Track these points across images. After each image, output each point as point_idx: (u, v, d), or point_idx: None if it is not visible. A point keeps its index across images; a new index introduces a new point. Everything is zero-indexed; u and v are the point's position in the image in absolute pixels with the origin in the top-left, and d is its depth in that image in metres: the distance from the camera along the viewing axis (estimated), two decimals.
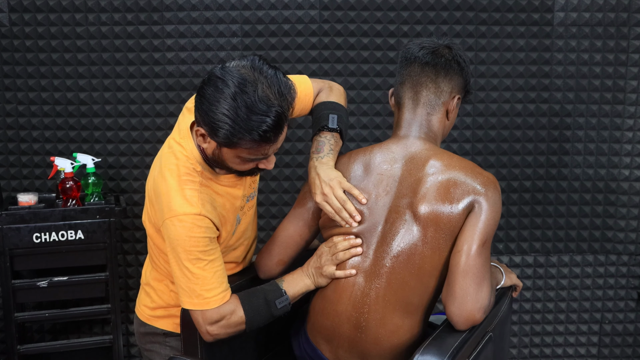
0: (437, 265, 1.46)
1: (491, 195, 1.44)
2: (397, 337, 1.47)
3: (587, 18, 2.48)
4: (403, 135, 1.55)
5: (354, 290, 1.50)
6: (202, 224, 1.47)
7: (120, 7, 2.42)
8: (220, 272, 1.51)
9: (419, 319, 1.50)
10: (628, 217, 2.62)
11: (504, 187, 2.62)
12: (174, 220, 1.46)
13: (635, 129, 2.56)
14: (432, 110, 1.55)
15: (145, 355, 1.79)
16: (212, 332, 1.51)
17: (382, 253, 1.48)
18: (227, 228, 1.59)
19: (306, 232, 1.65)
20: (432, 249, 1.44)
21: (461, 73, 1.56)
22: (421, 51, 1.54)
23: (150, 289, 1.72)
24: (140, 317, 1.75)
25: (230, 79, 1.34)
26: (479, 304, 1.39)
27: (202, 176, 1.51)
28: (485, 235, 1.42)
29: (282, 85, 1.36)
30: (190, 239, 1.46)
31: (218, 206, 1.54)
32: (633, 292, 2.68)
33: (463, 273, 1.39)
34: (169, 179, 1.49)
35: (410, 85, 1.55)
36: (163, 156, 1.55)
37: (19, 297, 2.29)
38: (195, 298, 1.49)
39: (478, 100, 2.55)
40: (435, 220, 1.44)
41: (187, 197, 1.47)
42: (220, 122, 1.34)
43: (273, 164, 1.49)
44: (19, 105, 2.49)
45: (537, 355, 2.75)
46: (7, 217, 2.22)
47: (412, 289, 1.46)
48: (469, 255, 1.40)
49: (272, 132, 1.35)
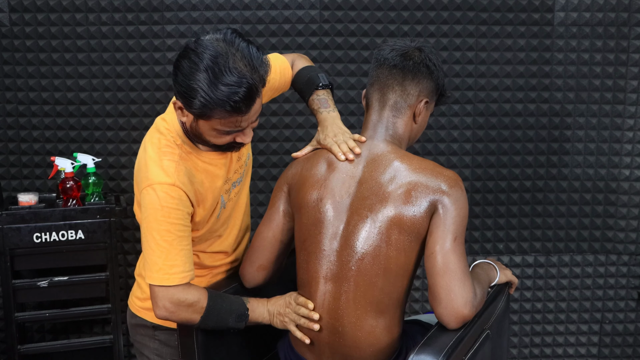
0: (404, 265, 1.45)
1: (453, 193, 1.43)
2: (374, 337, 1.48)
3: (588, 18, 2.48)
4: (368, 136, 1.55)
5: (326, 297, 1.50)
6: (175, 194, 1.48)
7: (120, 7, 2.43)
8: (186, 252, 1.51)
9: (393, 318, 1.49)
10: (628, 217, 2.62)
11: (504, 187, 2.62)
12: (149, 190, 1.48)
13: (635, 128, 2.56)
14: (398, 113, 1.53)
15: (136, 348, 1.80)
16: (169, 308, 1.50)
17: (346, 256, 1.47)
18: (205, 206, 1.58)
19: (280, 233, 1.63)
20: (397, 250, 1.44)
21: (430, 76, 1.54)
22: (391, 53, 1.53)
23: (141, 280, 1.73)
24: (131, 309, 1.77)
25: (202, 52, 1.37)
26: (464, 299, 1.38)
27: (181, 149, 1.54)
28: (455, 232, 1.41)
29: (254, 57, 1.40)
30: (162, 209, 1.47)
31: (196, 182, 1.54)
32: (633, 292, 2.69)
33: (441, 273, 1.39)
34: (149, 151, 1.53)
35: (378, 87, 1.55)
36: (148, 132, 1.59)
37: (19, 297, 2.29)
38: (157, 272, 1.49)
39: (478, 100, 2.55)
40: (398, 223, 1.43)
41: (164, 167, 1.49)
42: (193, 93, 1.37)
43: (250, 138, 1.51)
44: (19, 105, 2.49)
45: (538, 355, 2.75)
46: (7, 217, 2.22)
47: (380, 289, 1.46)
48: (443, 254, 1.39)
49: (243, 103, 1.38)
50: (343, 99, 2.54)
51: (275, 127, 2.55)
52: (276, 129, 2.56)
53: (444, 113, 2.56)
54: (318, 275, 1.50)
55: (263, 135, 2.55)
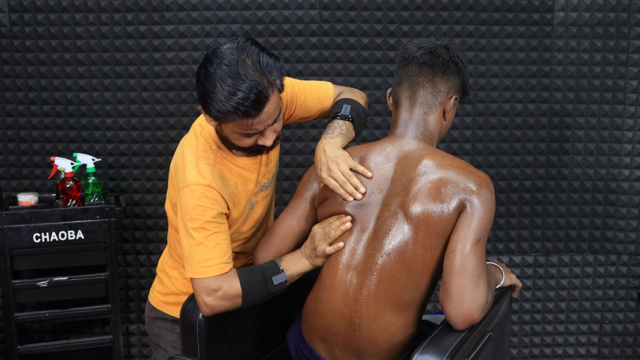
0: (429, 263, 1.46)
1: (483, 194, 1.44)
2: (390, 333, 1.48)
3: (587, 18, 2.48)
4: (399, 134, 1.56)
5: (346, 287, 1.50)
6: (211, 195, 1.56)
7: (120, 7, 2.42)
8: (222, 245, 1.57)
9: (411, 317, 1.50)
10: (628, 217, 2.62)
11: (503, 187, 2.62)
12: (186, 190, 1.57)
13: (635, 128, 2.56)
14: (429, 110, 1.55)
15: (152, 340, 1.86)
16: (208, 303, 1.54)
17: (373, 250, 1.48)
18: (239, 209, 1.66)
19: (304, 224, 1.66)
20: (423, 247, 1.45)
21: (458, 73, 1.56)
22: (419, 51, 1.55)
23: (164, 276, 1.81)
24: (152, 302, 1.84)
25: (215, 60, 1.47)
26: (476, 303, 1.39)
27: (216, 154, 1.63)
28: (479, 234, 1.41)
29: (263, 63, 1.47)
30: (197, 207, 1.55)
31: (230, 185, 1.62)
32: (633, 292, 2.69)
33: (458, 272, 1.39)
34: (187, 154, 1.62)
35: (408, 85, 1.56)
36: (186, 137, 1.68)
37: (19, 297, 2.29)
38: (194, 266, 1.55)
39: (478, 100, 2.55)
40: (426, 220, 1.44)
41: (200, 170, 1.58)
42: (209, 100, 1.47)
43: (270, 140, 1.56)
44: (19, 105, 2.49)
45: (537, 355, 2.75)
46: (7, 217, 2.22)
47: (403, 286, 1.46)
48: (463, 254, 1.40)
49: (252, 107, 1.46)
50: None
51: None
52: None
53: None
54: (343, 266, 1.52)
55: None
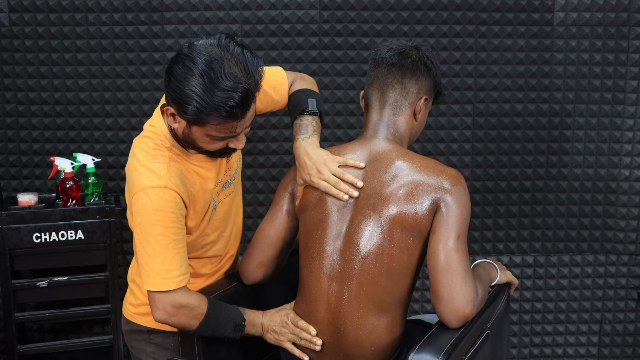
0: (407, 263, 1.46)
1: (456, 191, 1.43)
2: (375, 336, 1.48)
3: (587, 18, 2.48)
4: (369, 136, 1.56)
5: (329, 296, 1.50)
6: (169, 197, 1.46)
7: (120, 7, 2.43)
8: (182, 255, 1.49)
9: (395, 318, 1.50)
10: (628, 217, 2.62)
11: (503, 187, 2.62)
12: (141, 194, 1.46)
13: (635, 129, 2.56)
14: (399, 111, 1.54)
15: (133, 354, 1.79)
16: (169, 312, 1.48)
17: (349, 255, 1.47)
18: (196, 208, 1.56)
19: (282, 232, 1.64)
20: (399, 249, 1.45)
21: (428, 74, 1.55)
22: (388, 52, 1.54)
23: (134, 286, 1.72)
24: (126, 315, 1.76)
25: (197, 57, 1.36)
26: (466, 298, 1.39)
27: (171, 151, 1.52)
28: (458, 231, 1.41)
29: (249, 62, 1.39)
30: (156, 213, 1.45)
31: (187, 183, 1.53)
32: (633, 292, 2.69)
33: (444, 271, 1.39)
34: (138, 155, 1.51)
35: (378, 87, 1.55)
36: (136, 139, 1.58)
37: (19, 297, 2.29)
38: (154, 278, 1.47)
39: (478, 100, 2.55)
40: (399, 221, 1.44)
41: (155, 170, 1.47)
42: (188, 99, 1.36)
43: (243, 143, 1.50)
44: (19, 105, 2.49)
45: (537, 355, 2.75)
46: (7, 217, 2.22)
47: (383, 288, 1.46)
48: (446, 252, 1.40)
49: (239, 108, 1.37)
50: (343, 99, 2.54)
51: (275, 127, 2.55)
52: (276, 129, 2.56)
53: (443, 113, 2.56)
54: (321, 275, 1.51)
55: (263, 135, 2.55)
